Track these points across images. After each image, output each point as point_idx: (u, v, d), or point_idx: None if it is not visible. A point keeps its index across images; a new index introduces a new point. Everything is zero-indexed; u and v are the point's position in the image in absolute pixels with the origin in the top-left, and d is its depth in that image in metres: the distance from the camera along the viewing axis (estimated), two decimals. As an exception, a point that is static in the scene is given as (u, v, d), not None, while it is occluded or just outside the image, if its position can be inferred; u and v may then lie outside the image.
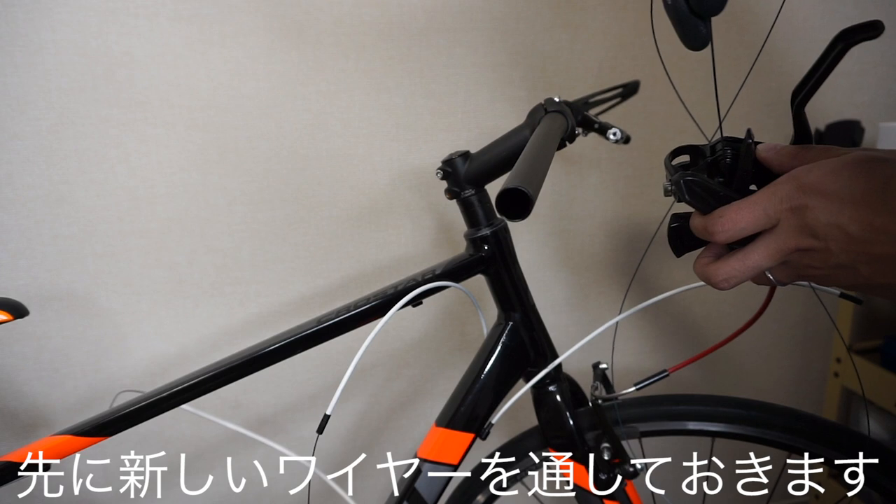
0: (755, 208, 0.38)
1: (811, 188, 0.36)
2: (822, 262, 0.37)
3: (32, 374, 0.89)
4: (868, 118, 1.04)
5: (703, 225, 0.41)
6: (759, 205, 0.38)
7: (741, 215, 0.39)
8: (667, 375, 0.62)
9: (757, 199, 0.38)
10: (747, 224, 0.38)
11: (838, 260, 0.36)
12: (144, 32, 0.81)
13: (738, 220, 0.39)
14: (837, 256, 0.36)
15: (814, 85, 0.41)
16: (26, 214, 0.83)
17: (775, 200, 0.38)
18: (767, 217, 0.38)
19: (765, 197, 0.38)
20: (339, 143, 0.92)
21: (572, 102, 0.67)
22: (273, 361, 0.64)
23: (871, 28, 0.37)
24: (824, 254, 0.37)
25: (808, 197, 0.36)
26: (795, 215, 0.37)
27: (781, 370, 1.25)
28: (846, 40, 0.38)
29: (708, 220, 0.40)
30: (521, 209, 0.39)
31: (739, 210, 0.39)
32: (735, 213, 0.39)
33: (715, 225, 0.40)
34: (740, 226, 0.39)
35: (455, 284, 0.66)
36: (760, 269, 0.40)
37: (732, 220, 0.39)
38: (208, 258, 0.91)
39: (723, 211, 0.40)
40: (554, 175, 1.02)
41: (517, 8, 0.93)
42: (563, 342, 0.71)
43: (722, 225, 0.39)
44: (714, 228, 0.40)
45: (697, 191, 0.41)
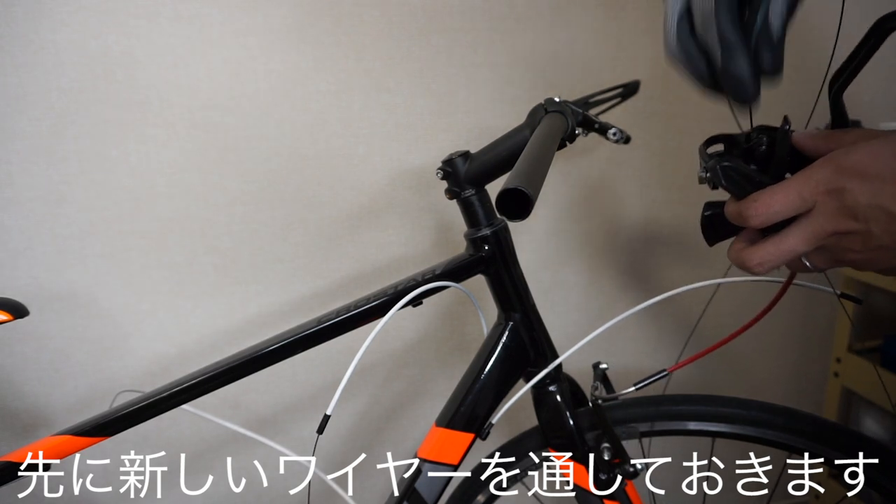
0: (789, 191, 0.38)
1: (850, 170, 0.35)
2: (862, 245, 0.37)
3: (33, 374, 0.89)
4: (868, 118, 1.04)
5: (737, 210, 0.41)
6: (794, 188, 0.38)
7: (775, 199, 0.38)
8: (667, 375, 0.62)
9: (792, 183, 0.38)
10: (781, 207, 0.38)
11: (880, 242, 0.36)
12: (144, 32, 0.81)
13: (773, 204, 0.38)
14: (879, 238, 0.35)
15: (852, 72, 0.41)
16: (26, 214, 0.83)
17: (811, 184, 0.37)
18: (803, 200, 0.37)
19: (800, 180, 0.38)
20: (339, 143, 0.92)
21: (572, 102, 0.67)
22: (273, 361, 0.64)
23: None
24: (865, 236, 0.36)
25: (846, 179, 0.35)
26: (833, 198, 0.36)
27: (781, 370, 1.25)
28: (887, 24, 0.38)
29: (742, 205, 0.40)
30: (522, 209, 0.39)
31: (774, 194, 0.38)
32: (769, 196, 0.38)
33: (749, 209, 0.39)
34: (774, 209, 0.38)
35: (455, 284, 0.66)
36: (796, 253, 0.39)
37: (766, 203, 0.38)
38: (208, 258, 0.91)
39: (757, 195, 0.39)
40: (554, 175, 1.02)
41: (517, 8, 0.93)
42: (563, 342, 0.71)
43: (756, 209, 0.39)
44: (748, 212, 0.39)
45: (733, 176, 0.41)
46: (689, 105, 1.03)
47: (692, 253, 1.11)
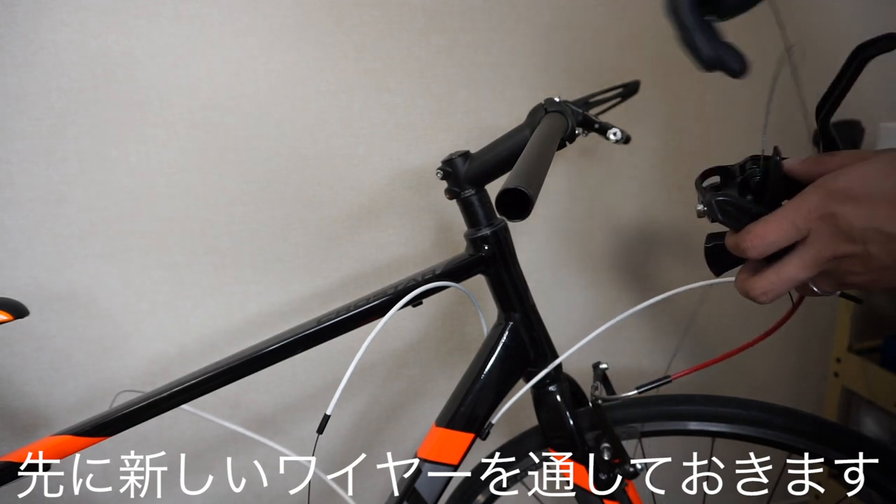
0: (782, 221, 0.38)
1: (840, 194, 0.36)
2: (863, 267, 0.37)
3: (33, 374, 0.89)
4: (868, 118, 1.04)
5: (734, 242, 0.41)
6: (787, 217, 0.38)
7: (768, 229, 0.38)
8: (669, 381, 0.62)
9: (784, 212, 0.38)
10: (776, 237, 0.38)
11: (881, 262, 0.36)
12: (144, 32, 0.81)
13: (766, 235, 0.38)
14: (879, 259, 0.36)
15: (837, 98, 0.41)
16: (26, 214, 0.83)
17: (803, 211, 0.37)
18: (796, 229, 0.38)
19: (792, 208, 0.38)
20: (339, 143, 0.92)
21: (572, 102, 0.67)
22: (273, 361, 0.64)
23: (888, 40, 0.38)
24: (864, 258, 0.36)
25: (838, 204, 0.36)
26: (827, 223, 0.36)
27: (781, 370, 1.25)
28: (864, 53, 0.39)
29: (738, 237, 0.40)
30: (522, 209, 0.39)
31: (767, 224, 0.39)
32: (762, 227, 0.39)
33: (744, 241, 0.39)
34: (769, 240, 0.38)
35: (455, 284, 0.66)
36: (796, 280, 0.39)
37: (760, 234, 0.39)
38: (208, 258, 0.91)
39: (751, 227, 0.39)
40: (554, 175, 1.02)
41: (517, 8, 0.93)
42: (563, 342, 0.71)
43: (751, 241, 0.39)
44: (744, 245, 0.40)
45: (729, 209, 0.41)
46: (689, 105, 1.03)
47: (692, 253, 1.11)
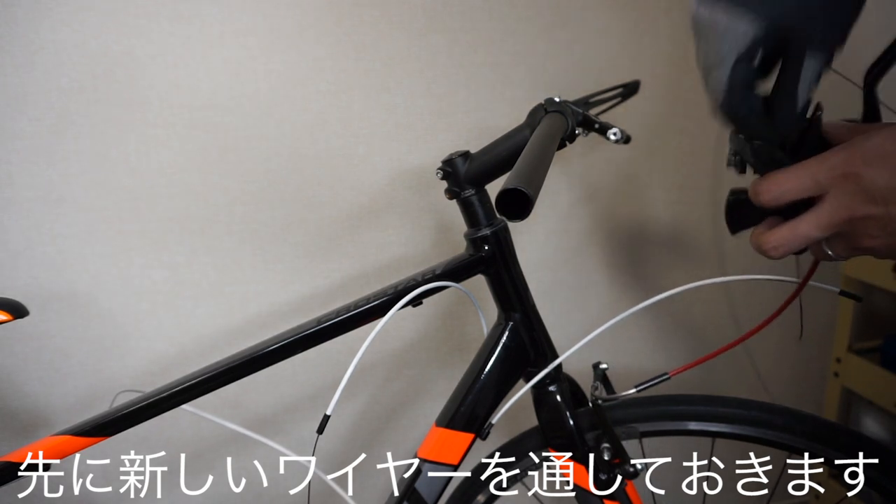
0: (802, 173, 0.37)
1: (867, 153, 0.35)
2: (881, 230, 0.36)
3: (32, 374, 0.89)
4: (868, 118, 1.04)
5: (753, 189, 0.40)
6: (808, 170, 0.37)
7: (786, 177, 0.38)
8: (667, 378, 0.62)
9: (806, 164, 0.38)
10: (791, 186, 0.38)
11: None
12: (144, 32, 0.81)
13: (783, 182, 0.38)
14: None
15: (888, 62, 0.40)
16: (26, 214, 0.83)
17: (825, 167, 0.37)
18: (816, 183, 0.37)
19: (815, 163, 0.37)
20: (339, 143, 0.92)
21: (572, 102, 0.67)
22: (273, 361, 0.64)
23: None
24: (884, 220, 0.35)
25: (863, 163, 0.35)
26: (850, 182, 0.36)
27: (781, 370, 1.25)
28: None
29: (756, 182, 0.40)
30: (521, 209, 0.39)
31: (787, 173, 0.38)
32: (782, 175, 0.38)
33: (760, 185, 0.39)
34: (784, 187, 0.38)
35: (455, 284, 0.66)
36: (810, 238, 0.39)
37: (778, 181, 0.38)
38: (208, 258, 0.91)
39: (772, 174, 0.39)
40: (554, 175, 1.02)
41: (517, 8, 0.92)
42: (563, 342, 0.71)
43: (766, 185, 0.39)
44: (759, 188, 0.39)
45: (762, 154, 0.40)
46: (690, 105, 1.03)
47: (692, 253, 1.11)
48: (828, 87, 0.41)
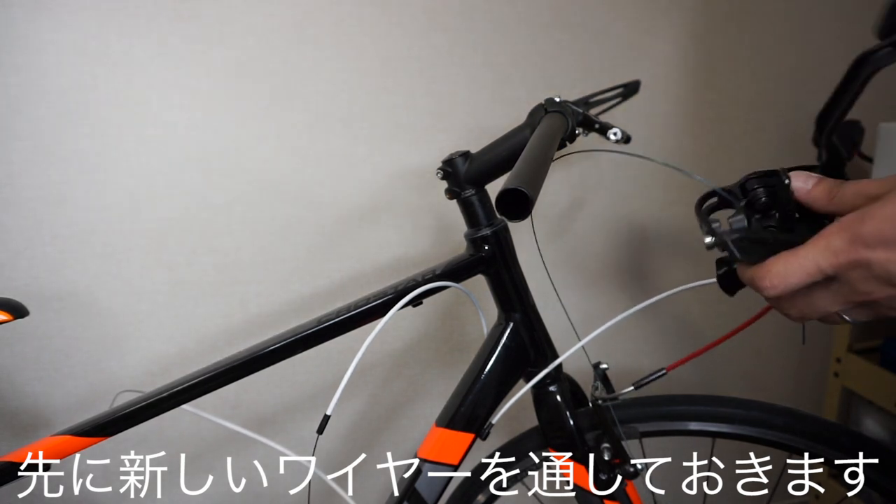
0: (806, 262, 0.36)
1: (870, 240, 0.34)
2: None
3: (33, 374, 0.89)
4: (868, 118, 1.04)
5: (750, 278, 0.39)
6: (811, 258, 0.36)
7: (791, 270, 0.36)
8: (664, 374, 0.62)
9: (807, 253, 0.36)
10: (799, 280, 0.36)
11: None
12: (144, 32, 0.81)
13: (789, 276, 0.37)
14: None
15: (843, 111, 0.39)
16: (26, 214, 0.83)
17: (828, 254, 0.36)
18: (821, 272, 0.36)
19: (816, 250, 0.36)
20: (339, 143, 0.92)
21: (572, 102, 0.67)
22: (273, 361, 0.64)
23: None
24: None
25: (869, 250, 0.34)
26: (861, 269, 0.35)
27: (781, 370, 1.25)
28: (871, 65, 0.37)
29: (756, 275, 0.38)
30: (521, 209, 0.39)
31: (788, 264, 0.37)
32: (784, 267, 0.37)
33: (763, 280, 0.37)
34: (791, 281, 0.37)
35: (455, 284, 0.66)
36: (828, 312, 0.38)
37: (782, 275, 0.37)
38: (208, 258, 0.91)
39: (771, 265, 0.37)
40: (554, 175, 1.02)
41: (517, 8, 0.93)
42: (563, 342, 0.71)
43: (770, 281, 0.37)
44: (762, 284, 0.38)
45: (746, 246, 0.39)
46: (690, 105, 1.03)
47: (692, 253, 1.11)
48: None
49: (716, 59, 1.01)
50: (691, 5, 0.98)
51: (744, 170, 0.41)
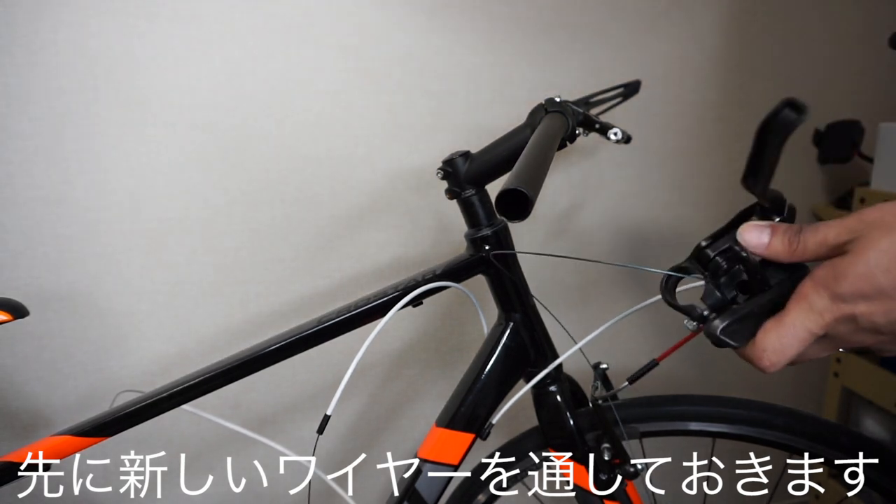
0: (798, 331, 0.37)
1: (850, 296, 0.35)
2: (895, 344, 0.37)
3: (33, 374, 0.89)
4: (868, 118, 1.04)
5: (749, 358, 0.40)
6: (799, 325, 0.37)
7: (786, 343, 0.37)
8: (656, 364, 0.61)
9: (794, 320, 0.37)
10: (795, 351, 0.37)
11: None
12: (144, 32, 0.81)
13: (786, 350, 0.37)
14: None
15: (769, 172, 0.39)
16: (26, 214, 0.83)
17: (814, 316, 0.36)
18: (813, 336, 0.37)
19: (802, 314, 0.37)
20: (339, 143, 0.92)
21: (573, 102, 0.67)
22: (273, 361, 0.64)
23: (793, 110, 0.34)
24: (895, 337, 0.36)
25: (851, 306, 0.35)
26: (848, 323, 0.36)
27: (781, 370, 1.25)
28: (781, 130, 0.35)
29: (754, 356, 0.39)
30: (522, 210, 0.39)
31: (781, 338, 0.37)
32: (778, 342, 0.37)
33: (762, 361, 0.38)
34: (789, 354, 0.37)
35: (455, 285, 0.66)
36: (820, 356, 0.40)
37: (779, 351, 0.37)
38: (208, 258, 0.91)
39: (763, 342, 0.38)
40: (554, 175, 1.02)
41: (517, 8, 0.92)
42: (563, 342, 0.71)
43: (769, 360, 0.38)
44: (762, 364, 0.38)
45: (736, 329, 0.39)
46: (689, 105, 1.03)
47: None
48: None
49: (716, 59, 1.01)
50: (691, 5, 0.98)
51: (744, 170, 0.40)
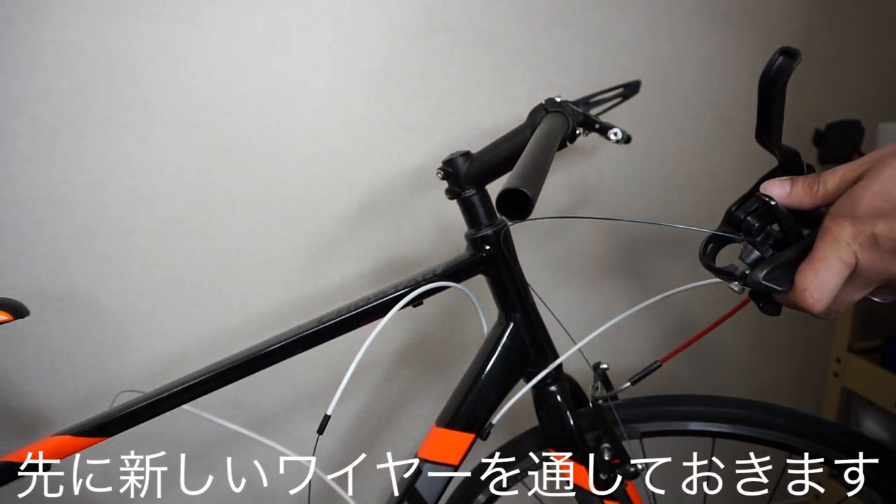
0: (831, 262, 0.37)
1: (868, 216, 0.36)
2: None
3: (33, 374, 0.89)
4: (868, 118, 1.04)
5: (791, 302, 0.40)
6: (832, 257, 0.37)
7: (822, 278, 0.37)
8: (659, 366, 0.62)
9: (826, 254, 0.37)
10: (835, 282, 0.37)
11: None
12: (144, 32, 0.81)
13: (825, 284, 0.37)
14: None
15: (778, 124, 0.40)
16: (26, 214, 0.83)
17: (843, 246, 0.37)
18: (847, 264, 0.37)
19: (831, 247, 0.37)
20: (339, 143, 0.92)
21: (573, 102, 0.67)
22: (273, 361, 0.64)
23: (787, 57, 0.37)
24: None
25: (870, 226, 0.36)
26: (871, 249, 0.36)
27: (781, 370, 1.25)
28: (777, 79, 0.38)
29: (797, 299, 0.39)
30: (522, 209, 0.39)
31: (817, 273, 0.37)
32: (815, 277, 0.38)
33: (806, 300, 0.38)
34: (830, 286, 0.37)
35: (455, 285, 0.66)
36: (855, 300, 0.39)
37: (819, 287, 0.38)
38: (208, 258, 0.91)
39: (804, 282, 0.38)
40: (554, 175, 1.02)
41: (517, 8, 0.92)
42: (563, 342, 0.71)
43: (812, 296, 0.38)
44: (807, 304, 0.38)
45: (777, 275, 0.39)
46: (690, 105, 1.03)
47: (692, 253, 1.11)
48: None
49: (716, 59, 1.01)
50: (691, 5, 0.98)
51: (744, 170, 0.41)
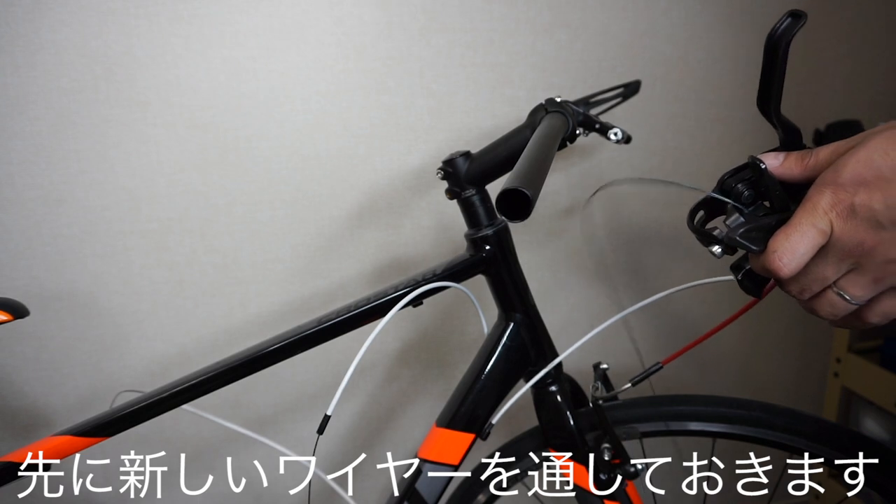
0: (804, 228, 0.36)
1: (849, 184, 0.35)
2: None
3: (32, 374, 0.89)
4: (868, 118, 1.04)
5: (762, 266, 0.39)
6: (806, 223, 0.36)
7: (793, 241, 0.37)
8: (660, 368, 0.62)
9: (801, 220, 0.37)
10: (805, 247, 0.37)
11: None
12: (144, 32, 0.81)
13: (795, 247, 0.37)
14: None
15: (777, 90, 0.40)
16: (26, 214, 0.83)
17: (819, 213, 0.36)
18: (821, 232, 0.36)
19: (808, 213, 0.36)
20: (339, 143, 0.92)
21: (573, 102, 0.67)
22: (273, 362, 0.64)
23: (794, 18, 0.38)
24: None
25: (850, 195, 0.35)
26: (848, 218, 0.35)
27: (781, 370, 1.25)
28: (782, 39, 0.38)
29: (766, 260, 0.38)
30: (522, 210, 0.39)
31: (788, 237, 0.37)
32: (787, 242, 0.37)
33: (773, 262, 0.37)
34: (800, 251, 0.37)
35: (455, 285, 0.66)
36: (828, 280, 0.38)
37: (789, 249, 0.37)
38: (208, 258, 0.91)
39: (775, 244, 0.37)
40: (554, 175, 1.02)
41: (517, 8, 0.92)
42: (563, 342, 0.71)
43: (780, 259, 0.37)
44: (775, 265, 0.37)
45: (755, 236, 0.39)
46: (689, 105, 1.03)
47: (692, 252, 1.11)
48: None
49: (715, 59, 1.01)
50: (691, 5, 0.98)
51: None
